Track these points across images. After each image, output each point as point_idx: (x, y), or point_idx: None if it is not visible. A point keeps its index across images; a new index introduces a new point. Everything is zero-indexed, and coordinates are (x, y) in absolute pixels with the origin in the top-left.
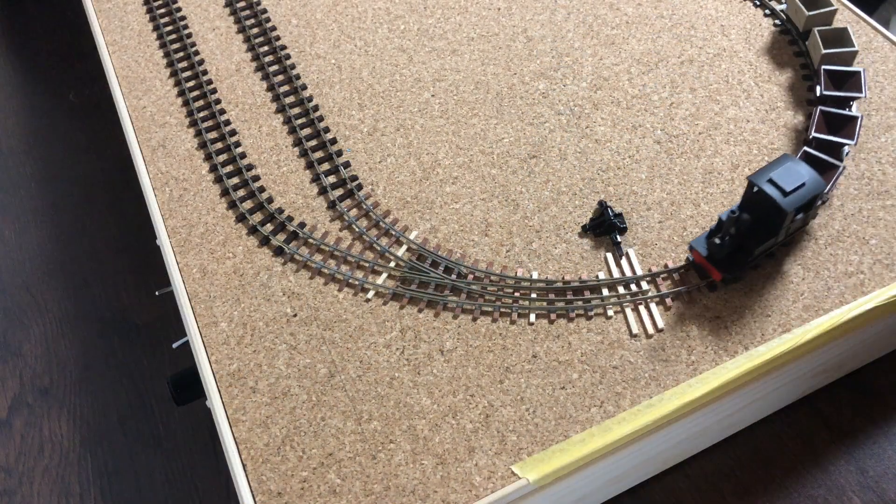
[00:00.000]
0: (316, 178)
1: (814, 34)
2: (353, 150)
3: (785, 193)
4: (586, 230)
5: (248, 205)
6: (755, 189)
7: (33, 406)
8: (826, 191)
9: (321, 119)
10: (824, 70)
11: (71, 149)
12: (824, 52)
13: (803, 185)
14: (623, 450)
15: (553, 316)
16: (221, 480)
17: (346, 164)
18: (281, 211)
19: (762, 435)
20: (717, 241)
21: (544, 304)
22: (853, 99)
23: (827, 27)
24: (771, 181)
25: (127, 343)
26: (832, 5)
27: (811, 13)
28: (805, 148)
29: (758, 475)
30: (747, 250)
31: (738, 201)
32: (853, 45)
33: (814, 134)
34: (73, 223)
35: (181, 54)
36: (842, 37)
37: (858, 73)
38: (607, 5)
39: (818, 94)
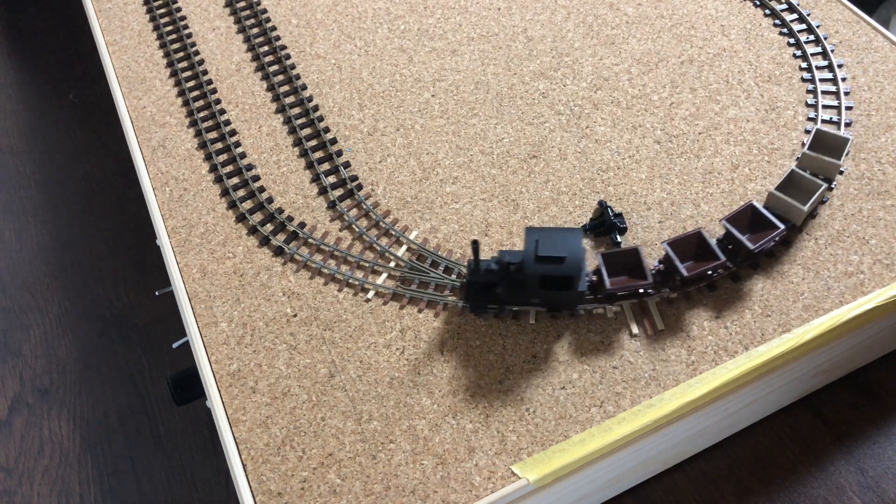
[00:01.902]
0: (316, 178)
1: (815, 133)
2: (353, 150)
3: (538, 258)
4: (586, 230)
5: (248, 205)
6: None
7: (33, 406)
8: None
9: (321, 119)
10: (752, 206)
11: (71, 149)
12: (805, 152)
13: (561, 260)
14: (623, 450)
15: (553, 316)
16: (221, 480)
17: (346, 164)
18: (281, 211)
19: (762, 435)
20: (470, 266)
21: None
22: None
23: (830, 132)
24: (538, 241)
25: (127, 343)
26: (839, 160)
27: (810, 152)
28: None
29: (758, 475)
30: (495, 293)
31: (737, 201)
32: (837, 161)
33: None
34: (73, 223)
35: (181, 54)
36: (840, 146)
37: (779, 228)
38: (607, 5)
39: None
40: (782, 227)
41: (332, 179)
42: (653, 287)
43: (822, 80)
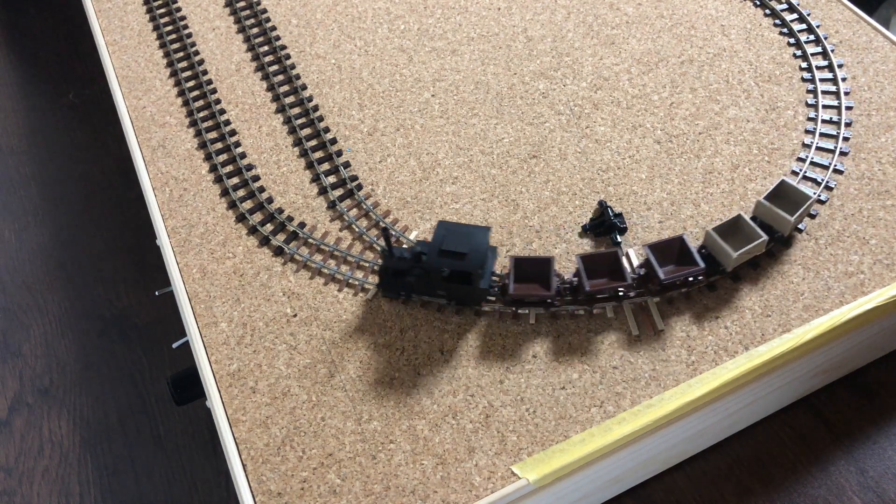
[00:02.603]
0: (316, 178)
1: (778, 184)
2: (353, 150)
3: (441, 251)
4: (586, 230)
5: (248, 205)
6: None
7: (33, 406)
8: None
9: (321, 119)
10: (649, 247)
11: (71, 149)
12: (761, 200)
13: (462, 256)
14: (623, 450)
15: (553, 316)
16: (221, 480)
17: (346, 164)
18: (281, 211)
19: (762, 435)
20: (384, 252)
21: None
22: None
23: (793, 185)
24: (444, 235)
25: (127, 343)
26: (789, 220)
27: (764, 200)
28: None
29: (758, 475)
30: (404, 280)
31: (737, 201)
32: (789, 217)
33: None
34: (73, 223)
35: (181, 54)
36: (800, 202)
37: (698, 267)
38: (607, 5)
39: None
40: (701, 266)
41: (332, 179)
42: (557, 298)
43: (822, 80)
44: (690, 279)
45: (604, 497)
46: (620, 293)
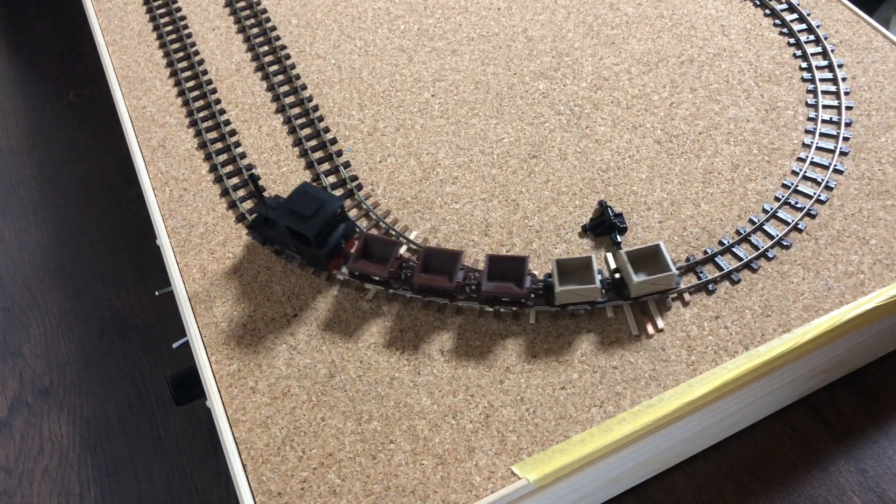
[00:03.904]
0: (316, 178)
1: (656, 247)
2: (353, 150)
3: (289, 210)
4: (586, 230)
5: (248, 205)
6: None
7: (33, 406)
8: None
9: (321, 119)
10: (489, 257)
11: (71, 149)
12: (620, 252)
13: (305, 218)
14: (623, 450)
15: (553, 316)
16: (221, 480)
17: (346, 164)
18: None
19: (762, 435)
20: (256, 198)
21: (544, 303)
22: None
23: (665, 255)
24: (298, 196)
25: (127, 343)
26: (633, 281)
27: (624, 253)
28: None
29: (758, 475)
30: (270, 229)
31: (737, 201)
32: (635, 278)
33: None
34: (73, 223)
35: (181, 54)
36: (660, 269)
37: (520, 291)
38: (607, 5)
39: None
40: (522, 291)
41: (332, 179)
42: (393, 279)
43: (822, 80)
44: (522, 301)
45: (604, 497)
46: (450, 290)
